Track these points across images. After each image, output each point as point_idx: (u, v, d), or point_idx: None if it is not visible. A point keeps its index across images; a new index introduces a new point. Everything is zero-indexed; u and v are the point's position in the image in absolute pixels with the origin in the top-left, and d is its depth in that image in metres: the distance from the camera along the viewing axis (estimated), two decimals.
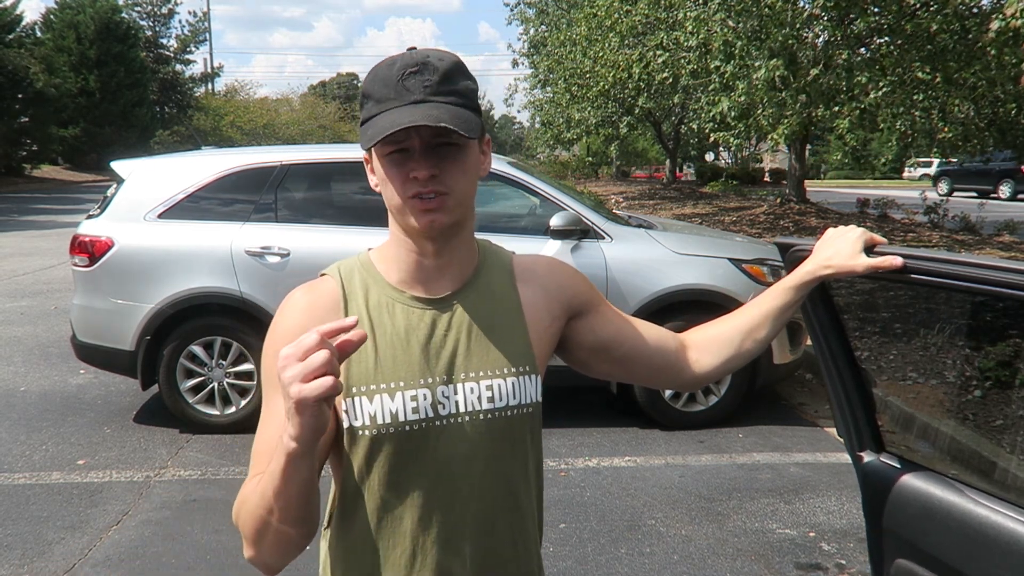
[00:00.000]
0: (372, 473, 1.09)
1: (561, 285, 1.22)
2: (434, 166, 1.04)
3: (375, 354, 1.09)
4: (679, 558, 3.25)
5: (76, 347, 4.74)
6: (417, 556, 1.10)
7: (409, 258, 1.12)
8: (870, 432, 1.57)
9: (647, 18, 12.13)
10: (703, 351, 1.30)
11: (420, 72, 1.04)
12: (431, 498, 1.09)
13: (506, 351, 1.13)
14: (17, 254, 11.78)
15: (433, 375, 1.09)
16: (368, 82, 1.08)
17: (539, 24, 28.72)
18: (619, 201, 19.01)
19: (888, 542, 1.48)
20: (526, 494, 1.17)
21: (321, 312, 1.10)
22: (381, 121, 1.03)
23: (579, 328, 1.24)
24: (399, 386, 1.08)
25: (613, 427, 4.70)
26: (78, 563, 3.19)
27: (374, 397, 1.07)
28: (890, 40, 8.65)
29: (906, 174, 35.76)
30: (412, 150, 1.04)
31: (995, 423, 1.96)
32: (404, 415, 1.07)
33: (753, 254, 4.87)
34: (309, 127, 43.11)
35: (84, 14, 34.12)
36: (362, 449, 1.08)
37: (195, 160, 4.86)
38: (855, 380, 1.56)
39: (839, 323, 1.55)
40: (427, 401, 1.08)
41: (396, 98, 1.03)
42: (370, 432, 1.07)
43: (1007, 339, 1.78)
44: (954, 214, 12.18)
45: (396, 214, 1.10)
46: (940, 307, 1.73)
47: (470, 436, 1.10)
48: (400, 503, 1.10)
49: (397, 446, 1.08)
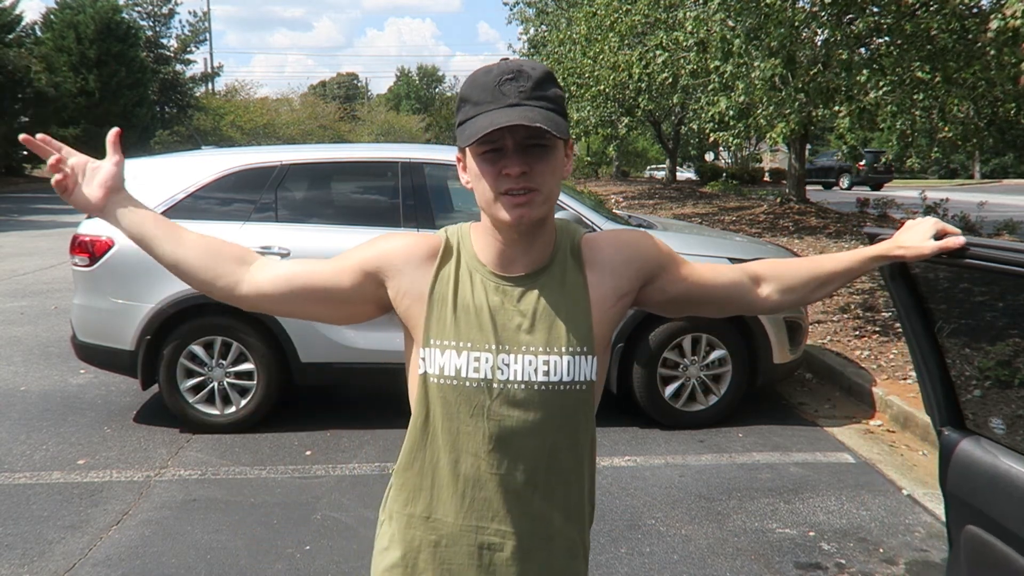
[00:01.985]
0: (434, 419, 1.25)
1: (628, 260, 1.31)
2: (525, 164, 1.15)
3: (453, 314, 1.24)
4: (679, 558, 3.25)
5: (76, 347, 4.74)
6: (466, 500, 1.25)
7: (494, 244, 1.25)
8: (951, 409, 1.68)
9: (647, 18, 12.12)
10: (774, 286, 1.40)
11: (515, 79, 1.16)
12: (483, 452, 1.23)
13: (566, 332, 1.24)
14: (17, 254, 11.78)
15: (498, 343, 1.23)
16: (466, 88, 1.20)
17: (539, 24, 28.69)
18: (619, 201, 19.01)
19: (962, 512, 1.60)
20: (575, 466, 1.29)
21: (417, 254, 1.26)
22: (480, 121, 1.14)
23: (650, 291, 1.34)
24: (466, 346, 1.22)
25: (613, 427, 4.70)
26: (78, 563, 3.19)
27: (445, 351, 1.23)
28: (889, 40, 8.64)
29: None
30: (505, 149, 1.15)
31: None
32: (467, 372, 1.22)
33: (753, 254, 4.87)
34: (309, 127, 43.07)
35: (84, 14, 34.07)
36: (429, 395, 1.24)
37: (195, 160, 4.86)
38: (937, 361, 1.66)
39: (923, 305, 1.64)
40: (488, 364, 1.22)
41: (493, 101, 1.15)
42: (437, 380, 1.23)
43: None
44: (954, 214, 12.18)
45: (486, 208, 1.21)
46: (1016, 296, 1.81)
47: (523, 403, 1.23)
48: (455, 451, 1.24)
49: (457, 398, 1.23)
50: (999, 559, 1.49)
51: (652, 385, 4.63)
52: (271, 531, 3.45)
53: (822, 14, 8.30)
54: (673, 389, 4.67)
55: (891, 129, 10.12)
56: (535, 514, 1.26)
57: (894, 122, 9.88)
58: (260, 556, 3.23)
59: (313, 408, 5.11)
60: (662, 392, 4.65)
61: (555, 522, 1.28)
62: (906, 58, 8.39)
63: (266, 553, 3.26)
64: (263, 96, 46.99)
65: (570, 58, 17.08)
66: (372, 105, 59.95)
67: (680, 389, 4.69)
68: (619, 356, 4.60)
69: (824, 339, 6.30)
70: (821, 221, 12.93)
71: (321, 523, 3.53)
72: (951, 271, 1.56)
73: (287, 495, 3.83)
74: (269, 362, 4.56)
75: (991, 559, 1.52)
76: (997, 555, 1.50)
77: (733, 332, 4.67)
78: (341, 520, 3.55)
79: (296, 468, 4.15)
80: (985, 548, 1.54)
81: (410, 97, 75.75)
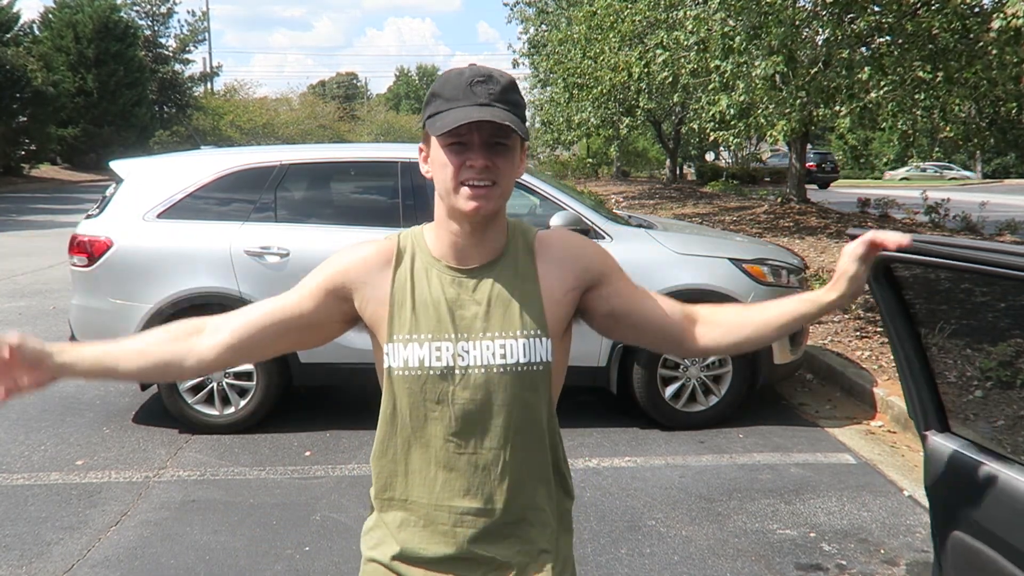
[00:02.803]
0: (401, 409, 1.33)
1: (575, 258, 1.39)
2: (489, 159, 1.25)
3: (412, 311, 1.32)
4: (679, 558, 3.24)
5: None
6: (438, 481, 1.33)
7: (448, 238, 1.34)
8: (935, 412, 1.66)
9: (647, 18, 12.11)
10: (709, 328, 1.43)
11: (486, 82, 1.26)
12: (450, 434, 1.32)
13: (520, 316, 1.33)
14: (16, 254, 11.77)
15: (456, 332, 1.31)
16: (439, 85, 1.30)
17: (539, 24, 28.66)
18: (619, 201, 19.00)
19: (947, 516, 1.58)
20: (538, 441, 1.38)
21: (375, 262, 1.35)
22: (453, 115, 1.23)
23: (594, 298, 1.40)
24: (428, 338, 1.31)
25: (613, 427, 4.69)
26: (77, 564, 3.18)
27: (408, 344, 1.31)
28: (891, 39, 8.63)
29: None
30: (471, 144, 1.25)
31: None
32: (429, 361, 1.31)
33: (753, 254, 4.86)
34: (309, 127, 43.07)
35: (82, 13, 34.06)
36: (396, 387, 1.33)
37: (194, 160, 4.85)
38: (921, 363, 1.64)
39: (906, 309, 1.62)
40: (449, 352, 1.31)
41: (464, 99, 1.25)
42: (402, 373, 1.31)
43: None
44: (955, 214, 12.17)
45: (445, 197, 1.30)
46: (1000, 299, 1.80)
47: (484, 386, 1.32)
48: (424, 436, 1.33)
49: (422, 387, 1.31)
50: (986, 564, 1.47)
51: (652, 385, 4.61)
52: (270, 532, 3.44)
53: (823, 13, 8.29)
54: (673, 390, 4.66)
55: (892, 129, 10.11)
56: (505, 489, 1.34)
57: (895, 122, 9.87)
58: (259, 557, 3.22)
59: (313, 408, 5.09)
60: (662, 392, 4.64)
61: (525, 495, 1.36)
62: (907, 57, 8.38)
63: (265, 554, 3.25)
64: (262, 96, 47.04)
65: (570, 58, 17.06)
66: (372, 105, 59.99)
67: (680, 390, 4.67)
68: (619, 356, 4.58)
69: (825, 339, 6.29)
70: (821, 221, 12.93)
71: (320, 524, 3.52)
72: (935, 273, 1.55)
73: (286, 496, 3.82)
74: (268, 362, 4.55)
75: (977, 564, 1.50)
76: (984, 560, 1.48)
77: None
78: (340, 521, 3.54)
79: (295, 469, 4.14)
80: (971, 554, 1.51)
81: (410, 97, 75.78)
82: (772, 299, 1.46)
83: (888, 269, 1.56)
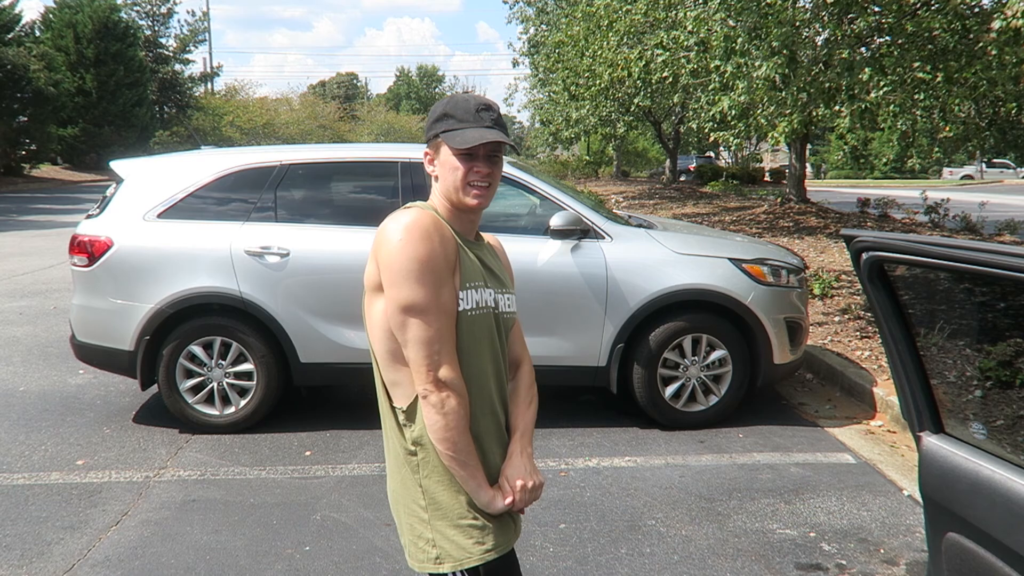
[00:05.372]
0: (466, 341, 1.67)
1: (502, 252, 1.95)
2: (489, 167, 1.68)
3: (470, 265, 1.69)
4: (679, 558, 3.24)
5: (75, 347, 4.73)
6: (486, 396, 1.72)
7: (458, 222, 1.73)
8: (929, 414, 1.67)
9: (646, 17, 12.10)
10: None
11: (488, 109, 1.68)
12: (492, 361, 1.73)
13: (505, 277, 1.82)
14: (16, 254, 11.77)
15: (493, 283, 1.74)
16: (450, 107, 1.69)
17: (539, 23, 28.66)
18: (619, 201, 19.00)
19: (941, 517, 1.59)
20: (508, 372, 1.84)
21: (450, 244, 1.65)
22: (471, 133, 1.64)
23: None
24: (482, 285, 1.70)
25: (613, 427, 4.69)
26: (77, 563, 3.18)
27: (477, 289, 1.69)
28: (891, 39, 8.63)
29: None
30: (477, 155, 1.66)
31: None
32: (485, 303, 1.70)
33: (753, 254, 4.86)
34: (309, 127, 43.08)
35: (82, 13, 34.06)
36: (464, 325, 1.67)
37: (194, 160, 4.84)
38: (915, 365, 1.65)
39: (899, 309, 1.64)
40: (492, 298, 1.72)
41: (475, 122, 1.66)
42: (472, 312, 1.67)
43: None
44: (955, 214, 12.17)
45: (454, 193, 1.67)
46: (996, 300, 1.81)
47: (506, 327, 1.78)
48: (479, 362, 1.70)
49: (480, 323, 1.69)
50: (980, 565, 1.47)
51: (652, 385, 4.62)
52: (271, 532, 3.44)
53: (823, 13, 8.29)
54: (673, 389, 4.66)
55: (892, 129, 10.11)
56: (506, 399, 1.81)
57: (895, 122, 9.87)
58: (259, 557, 3.23)
59: (313, 408, 5.10)
60: (662, 392, 4.64)
61: (505, 400, 1.82)
62: (907, 58, 8.38)
63: (265, 554, 3.25)
64: (262, 96, 46.99)
65: (568, 58, 17.06)
66: (372, 105, 59.93)
67: (680, 389, 4.68)
68: (619, 356, 4.59)
69: (825, 339, 6.29)
70: (821, 221, 12.93)
71: (321, 524, 3.52)
72: (930, 273, 1.55)
73: (287, 495, 3.82)
74: (268, 362, 4.55)
75: (972, 565, 1.50)
76: (978, 561, 1.48)
77: (733, 332, 4.66)
78: (341, 521, 3.54)
79: (296, 468, 4.14)
80: (966, 555, 1.51)
81: (410, 97, 75.74)
82: (528, 404, 1.84)
83: (882, 269, 1.57)
